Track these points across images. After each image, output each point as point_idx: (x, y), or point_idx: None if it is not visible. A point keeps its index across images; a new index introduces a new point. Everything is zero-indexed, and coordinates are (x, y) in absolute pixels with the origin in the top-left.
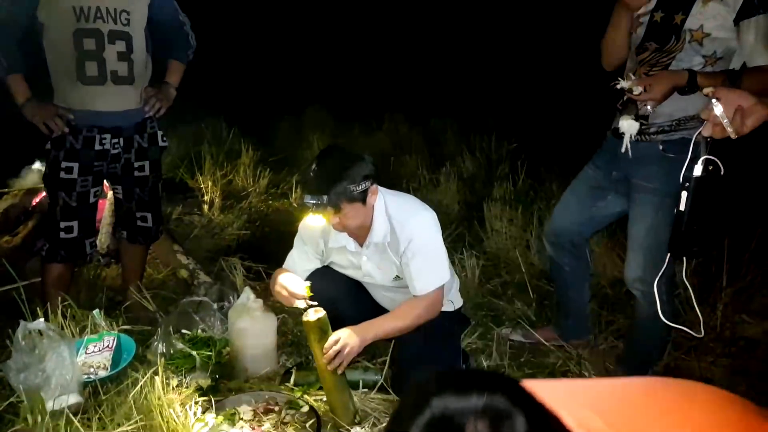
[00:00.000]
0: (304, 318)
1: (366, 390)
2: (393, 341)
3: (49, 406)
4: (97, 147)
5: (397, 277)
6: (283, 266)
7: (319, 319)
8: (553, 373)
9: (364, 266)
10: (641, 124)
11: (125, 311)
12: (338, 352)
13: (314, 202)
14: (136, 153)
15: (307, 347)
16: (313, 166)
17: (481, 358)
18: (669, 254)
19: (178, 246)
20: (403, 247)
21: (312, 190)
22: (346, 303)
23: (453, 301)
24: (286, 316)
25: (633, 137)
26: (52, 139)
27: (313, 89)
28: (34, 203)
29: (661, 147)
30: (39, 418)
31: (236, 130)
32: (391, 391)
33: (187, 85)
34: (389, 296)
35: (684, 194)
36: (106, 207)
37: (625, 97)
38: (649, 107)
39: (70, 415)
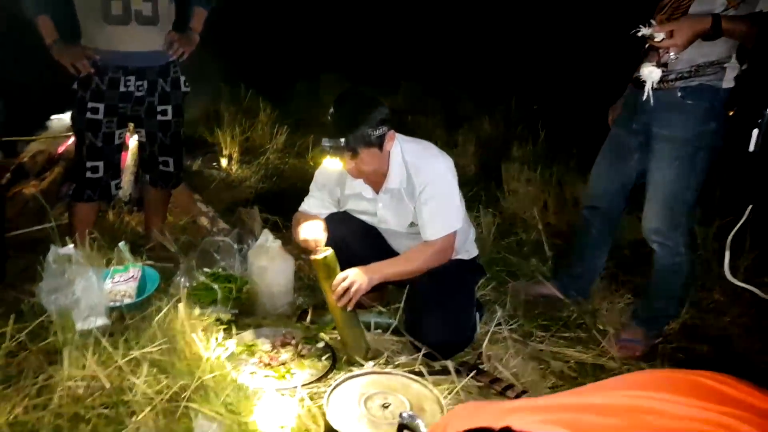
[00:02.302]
0: (312, 257)
1: (380, 331)
2: (407, 287)
3: (78, 326)
4: (122, 89)
5: (413, 224)
6: (299, 209)
7: (326, 257)
8: (567, 325)
9: (380, 213)
10: (662, 72)
11: (148, 252)
12: (346, 290)
13: (332, 145)
14: (159, 96)
15: (323, 290)
16: (331, 110)
17: (495, 307)
18: (687, 205)
19: (198, 196)
20: (418, 192)
21: (330, 133)
22: (361, 247)
23: (469, 251)
24: (302, 262)
25: (654, 85)
26: (79, 80)
27: (329, 55)
28: (60, 150)
29: (679, 94)
30: (68, 336)
31: (254, 91)
32: (405, 334)
33: (207, 45)
34: (404, 243)
35: (755, 133)
36: (128, 156)
37: (647, 45)
38: (671, 54)
39: (98, 335)
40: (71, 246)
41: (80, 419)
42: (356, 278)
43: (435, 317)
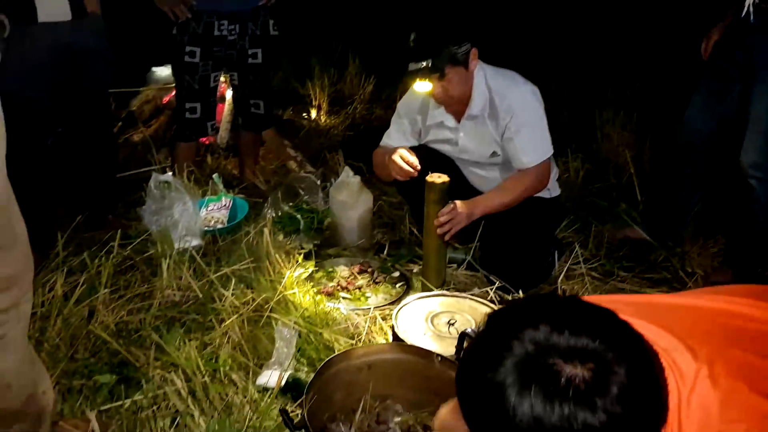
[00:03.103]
0: (429, 179)
1: (454, 265)
2: (482, 223)
3: (176, 245)
4: (216, 33)
5: (494, 153)
6: (380, 144)
7: (444, 182)
8: (653, 267)
9: (461, 142)
10: None
11: (241, 190)
12: (449, 220)
13: (418, 67)
14: (249, 40)
15: (400, 227)
16: (413, 35)
17: (576, 246)
18: None
19: (287, 142)
20: (504, 121)
21: (415, 56)
22: None
23: (550, 189)
24: (383, 202)
25: (756, 0)
26: (178, 25)
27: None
28: (165, 100)
29: None
30: (167, 251)
31: (344, 44)
32: (479, 269)
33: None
34: (482, 174)
35: None
36: (225, 107)
37: None
38: None
39: (194, 253)
40: (170, 173)
41: (176, 322)
42: (461, 209)
43: (510, 250)
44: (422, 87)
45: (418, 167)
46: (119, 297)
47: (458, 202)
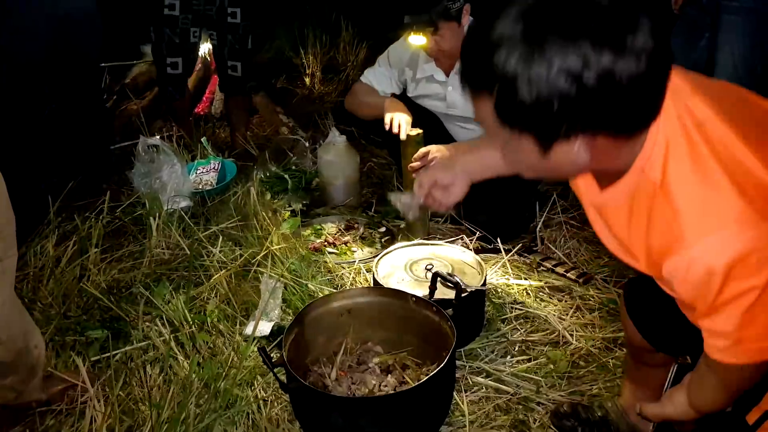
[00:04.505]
0: (402, 135)
1: (438, 219)
2: None
3: (165, 207)
4: None
5: None
6: (361, 79)
7: (418, 134)
8: None
9: (450, 96)
10: None
11: (234, 156)
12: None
13: (413, 20)
14: None
15: (388, 186)
16: None
17: (555, 197)
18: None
19: (280, 108)
20: None
21: (411, 8)
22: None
23: None
24: (372, 163)
25: None
26: None
27: None
28: None
29: None
30: (156, 212)
31: (338, 11)
32: (462, 222)
33: None
34: (468, 129)
35: None
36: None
37: None
38: None
39: (182, 213)
40: (157, 137)
41: (165, 278)
42: (437, 153)
43: (492, 202)
44: (417, 40)
45: (409, 123)
46: (111, 257)
47: (433, 147)
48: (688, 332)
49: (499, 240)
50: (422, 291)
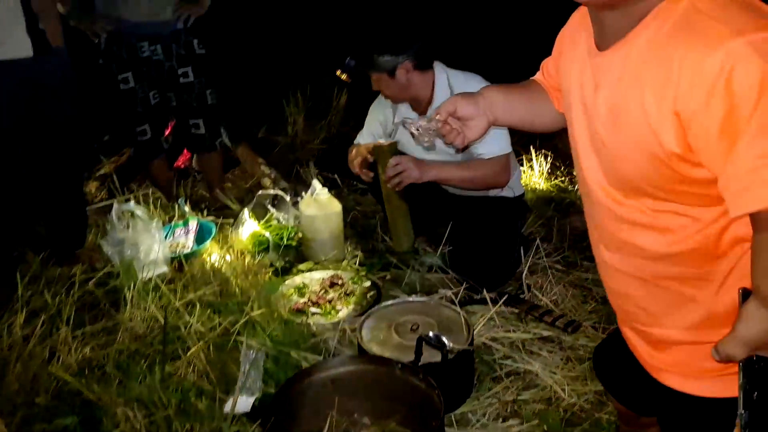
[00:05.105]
0: (376, 144)
1: (425, 269)
2: (450, 224)
3: (141, 275)
4: (141, 54)
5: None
6: (354, 143)
7: (391, 143)
8: None
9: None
10: None
11: (213, 212)
12: (399, 173)
13: (346, 64)
14: (176, 60)
15: (374, 236)
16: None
17: (538, 241)
18: None
19: (261, 159)
20: None
21: (349, 56)
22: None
23: (513, 189)
24: (357, 213)
25: None
26: (101, 53)
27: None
28: None
29: None
30: (131, 283)
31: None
32: (449, 271)
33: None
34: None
35: None
36: None
37: None
38: None
39: (158, 281)
40: (132, 202)
41: (140, 355)
42: (408, 164)
43: (478, 251)
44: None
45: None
46: (82, 334)
47: (404, 156)
48: (653, 391)
49: (485, 290)
50: (409, 353)
